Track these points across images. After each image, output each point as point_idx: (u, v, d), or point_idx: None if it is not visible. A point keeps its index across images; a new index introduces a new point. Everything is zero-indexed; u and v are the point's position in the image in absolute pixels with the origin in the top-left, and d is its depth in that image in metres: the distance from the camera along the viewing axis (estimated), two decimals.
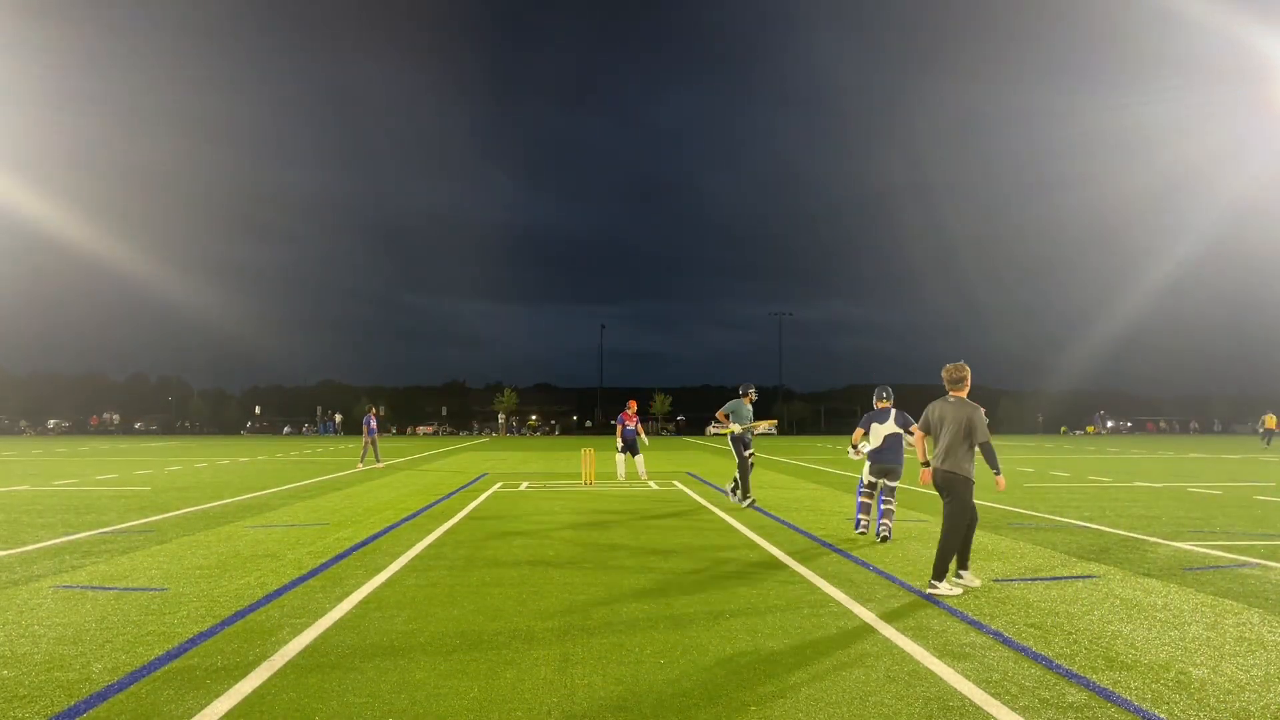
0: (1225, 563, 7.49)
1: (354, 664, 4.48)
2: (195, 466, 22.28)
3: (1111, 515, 10.82)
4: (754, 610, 5.69)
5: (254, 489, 15.06)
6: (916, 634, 5.04)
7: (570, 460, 18.69)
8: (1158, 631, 5.13)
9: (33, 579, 6.74)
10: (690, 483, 16.60)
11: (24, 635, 5.05)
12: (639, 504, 12.58)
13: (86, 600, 5.99)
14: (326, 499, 13.36)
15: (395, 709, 3.81)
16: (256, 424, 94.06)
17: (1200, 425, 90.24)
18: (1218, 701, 3.90)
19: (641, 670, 4.37)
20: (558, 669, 4.39)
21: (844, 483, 16.67)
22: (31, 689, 4.08)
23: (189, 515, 11.04)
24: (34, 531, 9.44)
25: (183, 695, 3.98)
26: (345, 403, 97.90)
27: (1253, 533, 9.38)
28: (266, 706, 3.84)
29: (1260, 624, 5.31)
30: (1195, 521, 10.30)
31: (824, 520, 10.51)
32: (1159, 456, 27.41)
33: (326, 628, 5.22)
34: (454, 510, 11.69)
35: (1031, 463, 23.99)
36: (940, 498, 6.42)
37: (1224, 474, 19.15)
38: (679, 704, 3.87)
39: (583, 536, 9.16)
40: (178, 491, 14.51)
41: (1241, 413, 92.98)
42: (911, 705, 3.84)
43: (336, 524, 10.16)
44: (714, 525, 10.09)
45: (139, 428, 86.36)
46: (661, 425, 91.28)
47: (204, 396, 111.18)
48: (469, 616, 5.52)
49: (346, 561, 7.55)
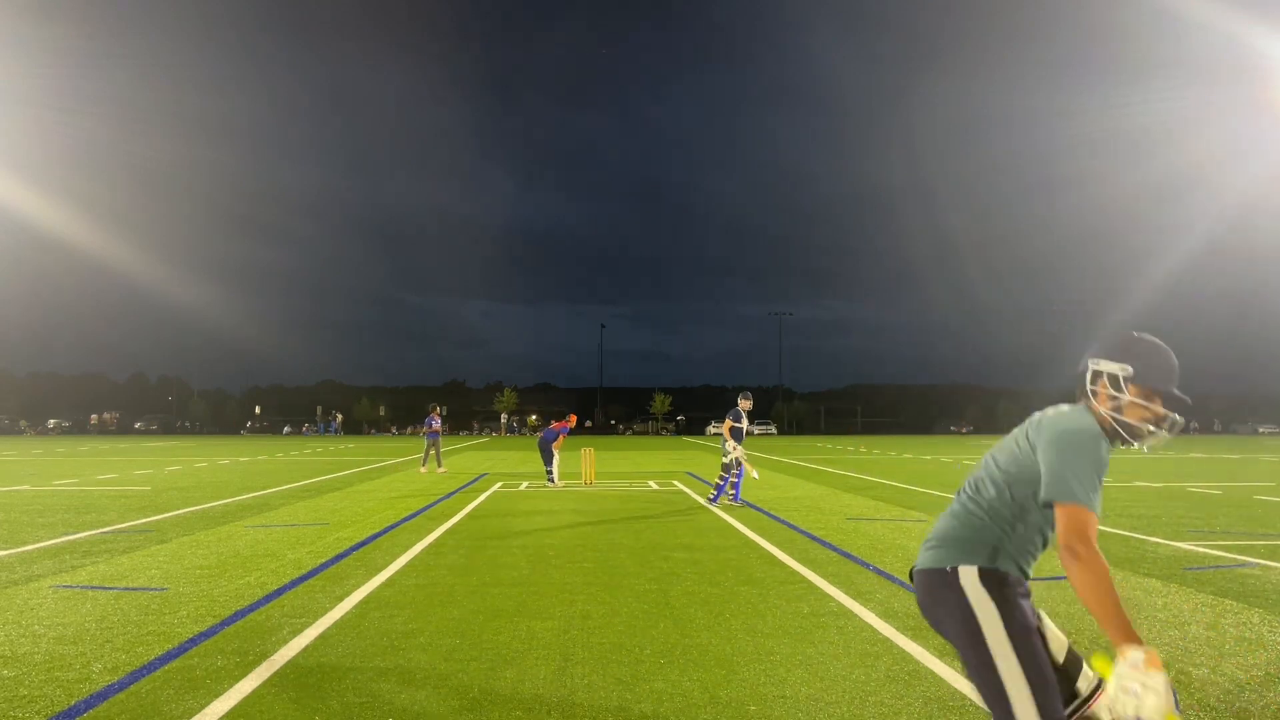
0: (1225, 563, 7.49)
1: (354, 664, 4.48)
2: (195, 466, 22.28)
3: (1111, 515, 10.81)
4: (754, 610, 5.68)
5: (254, 489, 15.06)
6: (917, 634, 5.04)
7: (570, 460, 18.69)
8: (1158, 631, 5.13)
9: (33, 579, 6.74)
10: (690, 483, 16.60)
11: (24, 635, 5.05)
12: (639, 504, 12.58)
13: (86, 600, 5.98)
14: (326, 499, 13.36)
15: (395, 709, 3.81)
16: (256, 424, 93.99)
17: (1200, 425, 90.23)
18: (1218, 701, 3.90)
19: (641, 670, 4.37)
20: (558, 669, 4.39)
21: (844, 482, 16.67)
22: (31, 689, 4.07)
23: (189, 515, 11.04)
24: (34, 531, 9.44)
25: (183, 695, 3.98)
26: (345, 403, 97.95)
27: (1253, 533, 9.38)
28: (266, 706, 3.84)
29: (1260, 624, 5.31)
30: (1195, 521, 10.30)
31: (824, 520, 10.50)
32: (1159, 456, 27.41)
33: (326, 628, 5.22)
34: (454, 510, 11.68)
35: None
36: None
37: (1224, 474, 19.15)
38: (679, 704, 3.87)
39: (583, 536, 9.15)
40: (178, 491, 14.51)
41: (1242, 413, 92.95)
42: (911, 705, 3.84)
43: (336, 524, 10.16)
44: (714, 525, 10.08)
45: (139, 428, 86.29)
46: (661, 425, 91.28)
47: (204, 396, 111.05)
48: (469, 616, 5.52)
49: (346, 561, 7.55)
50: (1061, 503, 2.05)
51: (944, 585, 2.23)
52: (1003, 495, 2.25)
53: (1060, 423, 2.18)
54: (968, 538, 2.26)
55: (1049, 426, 2.19)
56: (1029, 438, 2.23)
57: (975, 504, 2.30)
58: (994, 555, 2.24)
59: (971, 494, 2.33)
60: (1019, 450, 2.24)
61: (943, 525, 2.35)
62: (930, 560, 2.30)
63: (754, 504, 12.14)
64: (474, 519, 10.76)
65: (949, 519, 2.35)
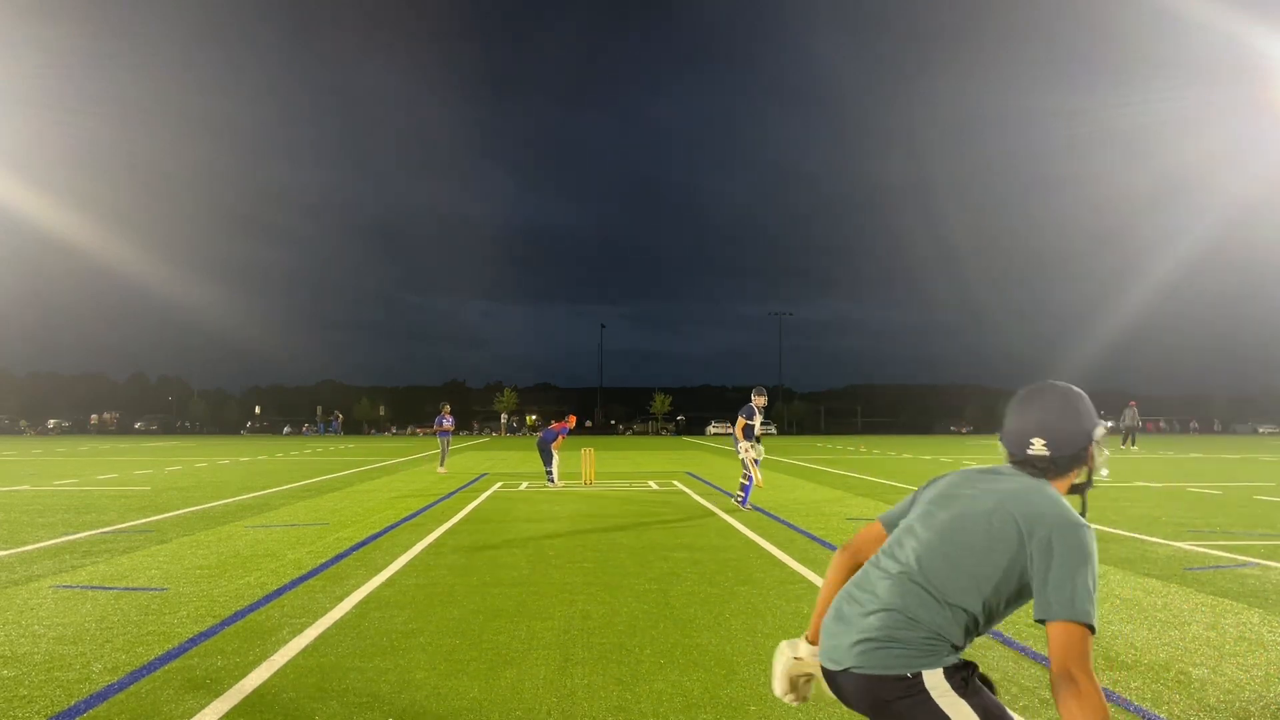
0: (1225, 563, 7.49)
1: (354, 664, 4.48)
2: (195, 466, 22.27)
3: (1111, 515, 10.81)
4: (754, 610, 5.68)
5: (254, 489, 15.06)
6: None
7: (570, 460, 18.69)
8: (1158, 631, 5.13)
9: (33, 579, 6.74)
10: (690, 483, 16.59)
11: (24, 635, 5.05)
12: (639, 504, 12.58)
13: (86, 600, 5.98)
14: (326, 499, 13.36)
15: (395, 709, 3.81)
16: (256, 424, 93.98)
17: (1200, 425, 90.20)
18: (1218, 701, 3.90)
19: (641, 670, 4.37)
20: (558, 669, 4.39)
21: (844, 482, 16.66)
22: (31, 689, 4.08)
23: (189, 515, 11.04)
24: (34, 531, 9.44)
25: (183, 695, 3.98)
26: (345, 403, 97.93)
27: (1253, 533, 9.38)
28: (266, 706, 3.84)
29: (1260, 624, 5.31)
30: (1195, 521, 10.30)
31: (824, 520, 10.50)
32: (1159, 456, 27.41)
33: (326, 628, 5.22)
34: (454, 510, 11.68)
35: None
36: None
37: (1224, 474, 19.14)
38: (679, 704, 3.87)
39: (583, 536, 9.16)
40: (178, 491, 14.51)
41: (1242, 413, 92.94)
42: None
43: (336, 524, 10.16)
44: (714, 525, 10.08)
45: (139, 428, 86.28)
46: (661, 425, 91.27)
47: (204, 396, 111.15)
48: (469, 616, 5.52)
49: (346, 561, 7.55)
50: (1066, 621, 1.71)
51: (905, 694, 1.85)
52: (959, 581, 1.88)
53: (1061, 518, 1.82)
54: (924, 633, 1.88)
55: (1048, 523, 1.82)
56: (1020, 530, 1.84)
57: (925, 587, 1.90)
58: (952, 646, 1.89)
59: (918, 572, 1.92)
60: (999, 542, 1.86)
61: (883, 616, 1.91)
62: (880, 664, 1.88)
63: (756, 505, 12.13)
64: (474, 519, 10.76)
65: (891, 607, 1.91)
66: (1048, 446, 1.94)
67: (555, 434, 16.31)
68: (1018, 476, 1.98)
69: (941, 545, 1.94)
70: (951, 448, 37.46)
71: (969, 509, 1.96)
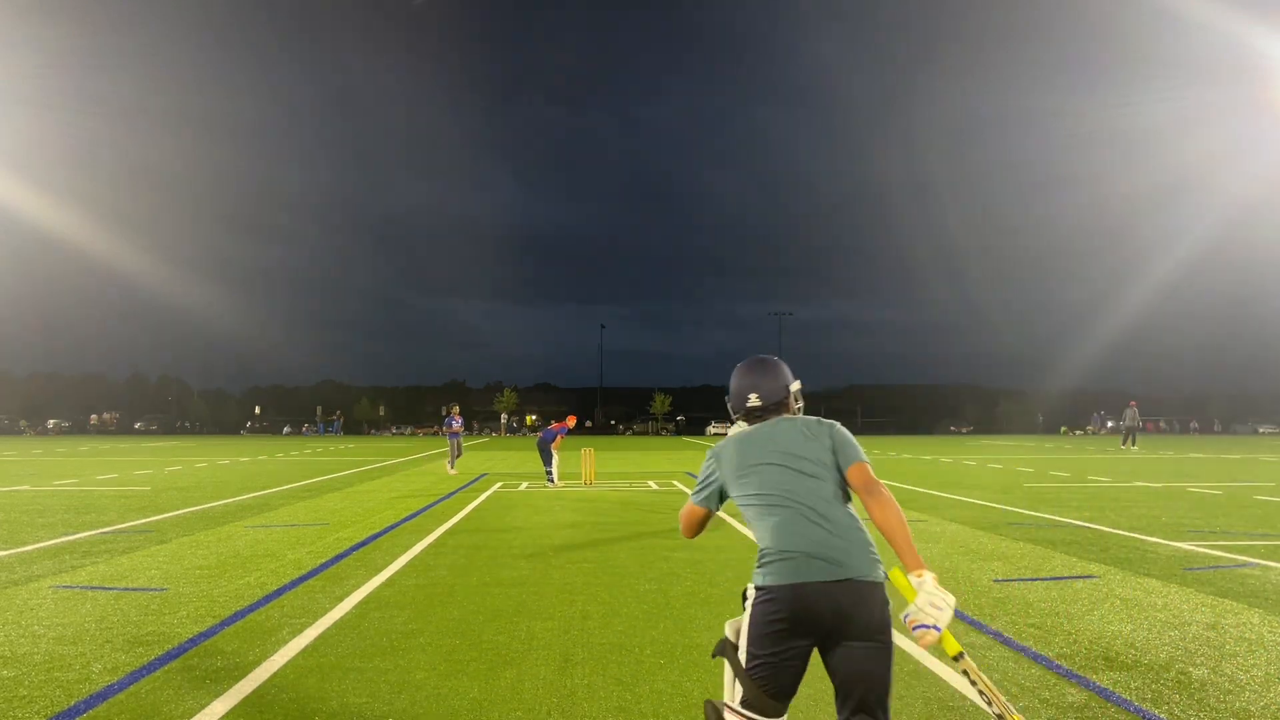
0: (1225, 563, 7.49)
1: (354, 664, 4.48)
2: (195, 466, 22.27)
3: (1111, 515, 10.82)
4: None
5: (254, 489, 15.06)
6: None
7: (570, 460, 18.69)
8: (1158, 631, 5.13)
9: (32, 579, 6.74)
10: (690, 483, 16.59)
11: (24, 635, 5.05)
12: (639, 504, 12.58)
13: (86, 600, 5.98)
14: (326, 499, 13.36)
15: (395, 709, 3.81)
16: (256, 424, 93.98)
17: (1200, 425, 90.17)
18: (1218, 701, 3.90)
19: (642, 670, 4.37)
20: (558, 669, 4.39)
21: None
22: (31, 689, 4.08)
23: (189, 515, 11.04)
24: (34, 531, 9.44)
25: (183, 695, 3.98)
26: (345, 403, 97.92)
27: (1253, 533, 9.38)
28: (266, 706, 3.84)
29: (1260, 624, 5.31)
30: (1195, 521, 10.29)
31: None
32: (1159, 456, 27.41)
33: (326, 628, 5.22)
34: (454, 510, 11.69)
35: (1031, 463, 23.99)
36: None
37: (1224, 474, 19.14)
38: (679, 704, 3.87)
39: (582, 536, 9.15)
40: (178, 491, 14.51)
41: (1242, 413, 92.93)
42: (912, 705, 3.84)
43: (336, 524, 10.16)
44: (714, 525, 10.08)
45: (139, 428, 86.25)
46: (661, 425, 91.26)
47: (204, 396, 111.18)
48: (469, 616, 5.52)
49: (346, 561, 7.55)
50: (861, 461, 2.52)
51: (882, 599, 2.34)
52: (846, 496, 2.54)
53: (827, 423, 2.65)
54: (873, 545, 2.43)
55: (826, 429, 2.61)
56: (818, 438, 2.58)
57: (849, 513, 2.48)
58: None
59: (842, 503, 2.49)
60: (823, 451, 2.55)
61: (859, 534, 2.42)
62: (871, 571, 2.35)
63: None
64: (474, 519, 10.76)
65: (855, 526, 2.43)
66: (760, 399, 2.73)
67: (555, 434, 16.32)
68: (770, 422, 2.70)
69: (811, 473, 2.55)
70: (951, 448, 37.45)
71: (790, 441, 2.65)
